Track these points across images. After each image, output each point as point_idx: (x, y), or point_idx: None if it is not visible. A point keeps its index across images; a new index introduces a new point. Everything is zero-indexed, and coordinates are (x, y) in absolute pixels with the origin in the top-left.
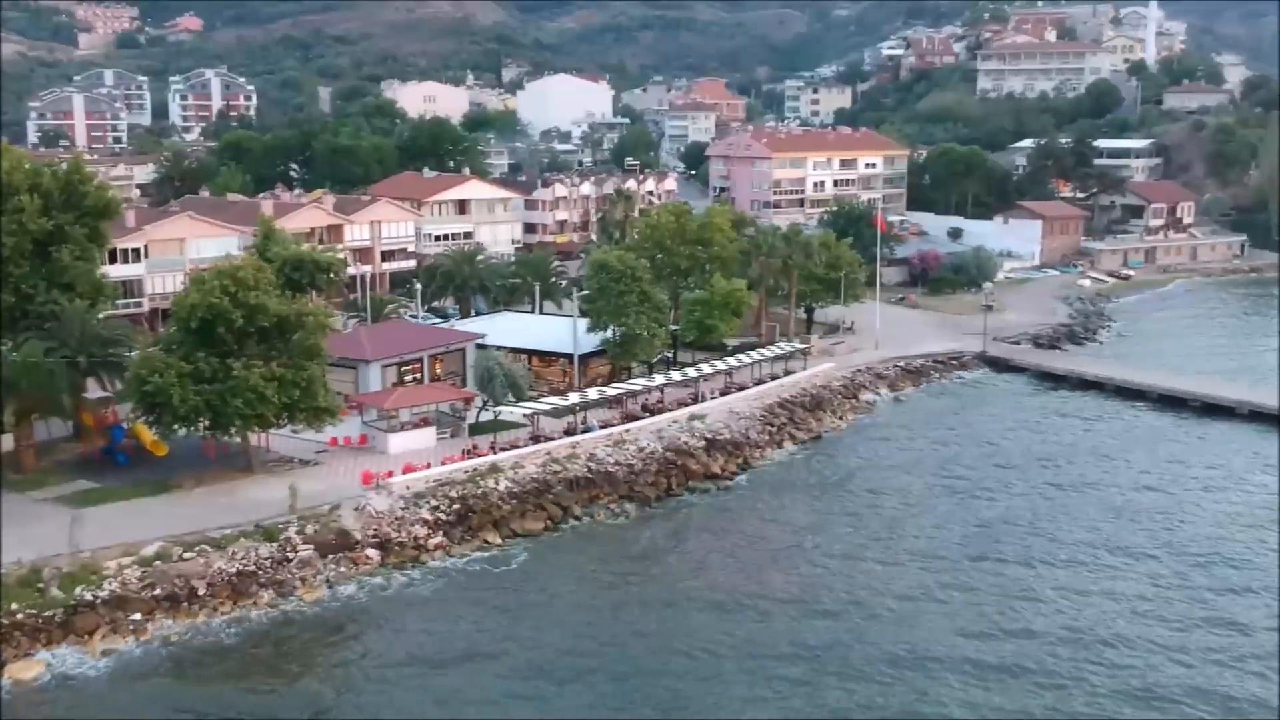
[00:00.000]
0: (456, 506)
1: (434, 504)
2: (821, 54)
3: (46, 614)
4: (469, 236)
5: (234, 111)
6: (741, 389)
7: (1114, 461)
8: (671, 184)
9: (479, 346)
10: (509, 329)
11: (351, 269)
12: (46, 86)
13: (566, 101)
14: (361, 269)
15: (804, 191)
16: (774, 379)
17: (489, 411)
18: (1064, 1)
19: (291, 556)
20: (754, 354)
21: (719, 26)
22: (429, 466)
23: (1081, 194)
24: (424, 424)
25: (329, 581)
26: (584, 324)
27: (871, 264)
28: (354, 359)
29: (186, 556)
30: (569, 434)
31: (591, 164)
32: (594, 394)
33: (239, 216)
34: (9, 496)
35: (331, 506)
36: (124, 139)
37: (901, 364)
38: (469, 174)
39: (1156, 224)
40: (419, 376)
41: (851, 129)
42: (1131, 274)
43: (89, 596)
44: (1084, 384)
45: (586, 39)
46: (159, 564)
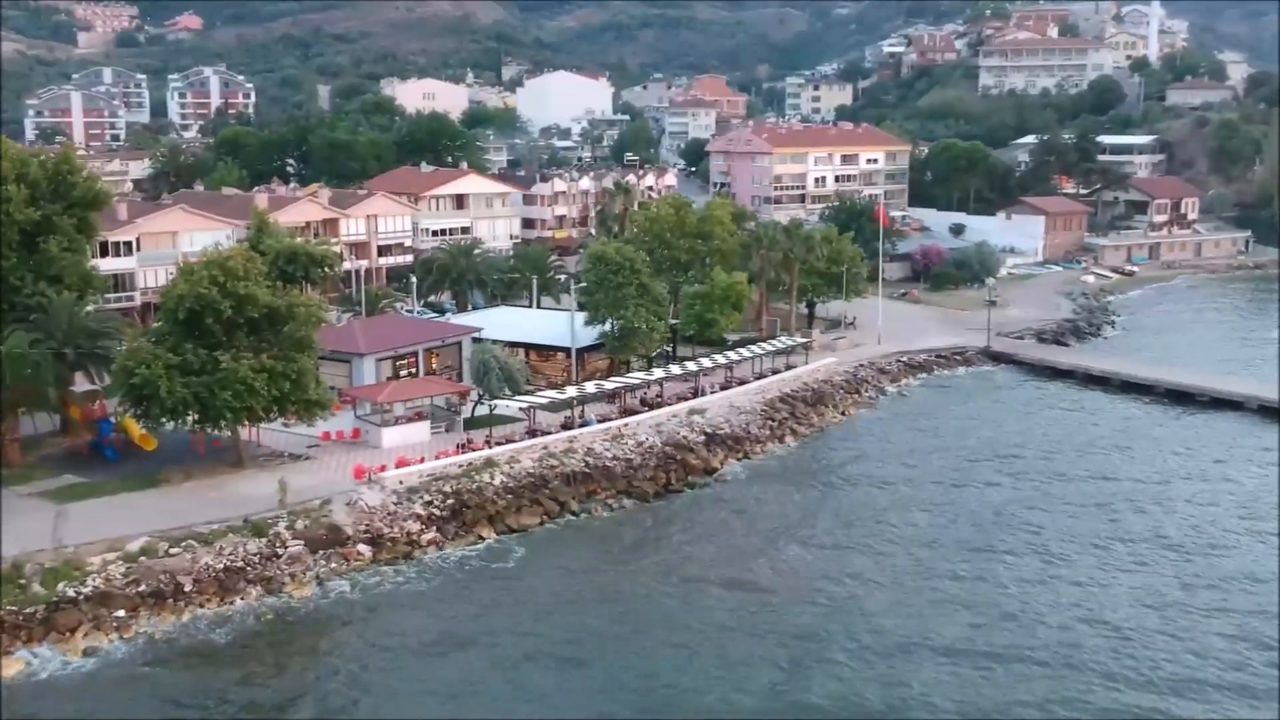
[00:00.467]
0: (450, 501)
1: (427, 499)
2: (822, 53)
3: (27, 611)
4: (466, 231)
5: (232, 110)
6: (742, 383)
7: (1122, 454)
8: (671, 179)
9: (475, 340)
10: (506, 323)
11: (347, 264)
12: (45, 85)
13: (566, 99)
14: (357, 264)
15: (805, 187)
16: (775, 373)
17: (485, 405)
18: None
19: (281, 552)
20: (754, 348)
21: (719, 25)
22: (422, 461)
23: (1084, 190)
24: (418, 418)
25: (319, 578)
26: (582, 318)
27: (873, 259)
28: (347, 352)
29: (173, 552)
30: (566, 428)
31: (591, 160)
32: (591, 388)
33: (233, 210)
34: None
35: (322, 501)
36: (122, 137)
37: (904, 359)
38: (467, 169)
39: (1160, 220)
40: (414, 371)
41: (853, 125)
42: (1135, 270)
43: (72, 593)
44: (1089, 379)
45: (587, 38)
46: (144, 560)
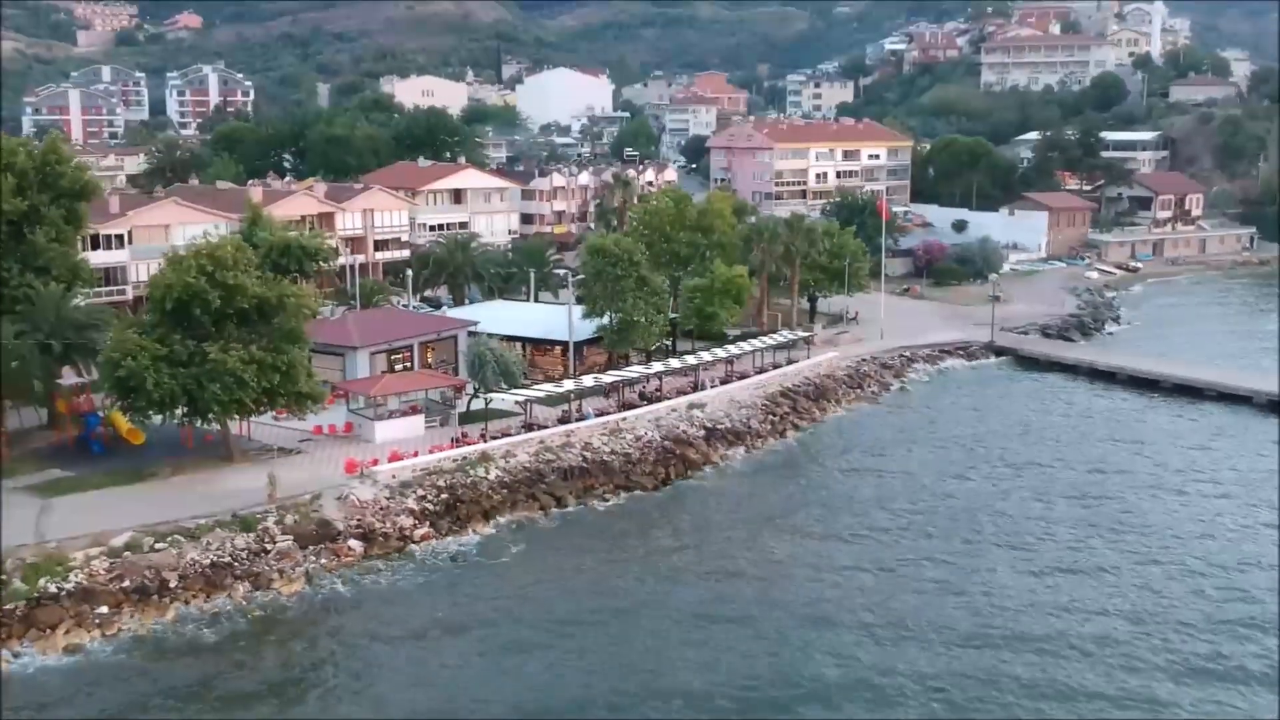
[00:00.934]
0: (444, 496)
1: (421, 493)
2: (823, 52)
3: (7, 607)
4: (464, 227)
5: (231, 108)
6: (742, 378)
7: (1130, 448)
8: (671, 175)
9: (471, 334)
10: (503, 317)
11: (343, 259)
12: (44, 83)
13: (566, 96)
14: (354, 258)
15: (806, 183)
16: (776, 368)
17: (480, 399)
18: None
19: (269, 547)
20: (755, 342)
21: (720, 24)
22: (416, 455)
23: (1088, 186)
24: (412, 412)
25: (308, 574)
26: (580, 311)
27: (875, 255)
28: (341, 346)
29: (158, 547)
30: (563, 422)
31: (590, 156)
32: (589, 381)
33: (227, 204)
34: None
35: (313, 496)
36: (120, 135)
37: (907, 354)
38: (465, 164)
39: (1164, 216)
40: (409, 365)
41: (855, 121)
42: (1139, 266)
43: (54, 589)
44: (1095, 373)
45: (587, 37)
46: (129, 555)
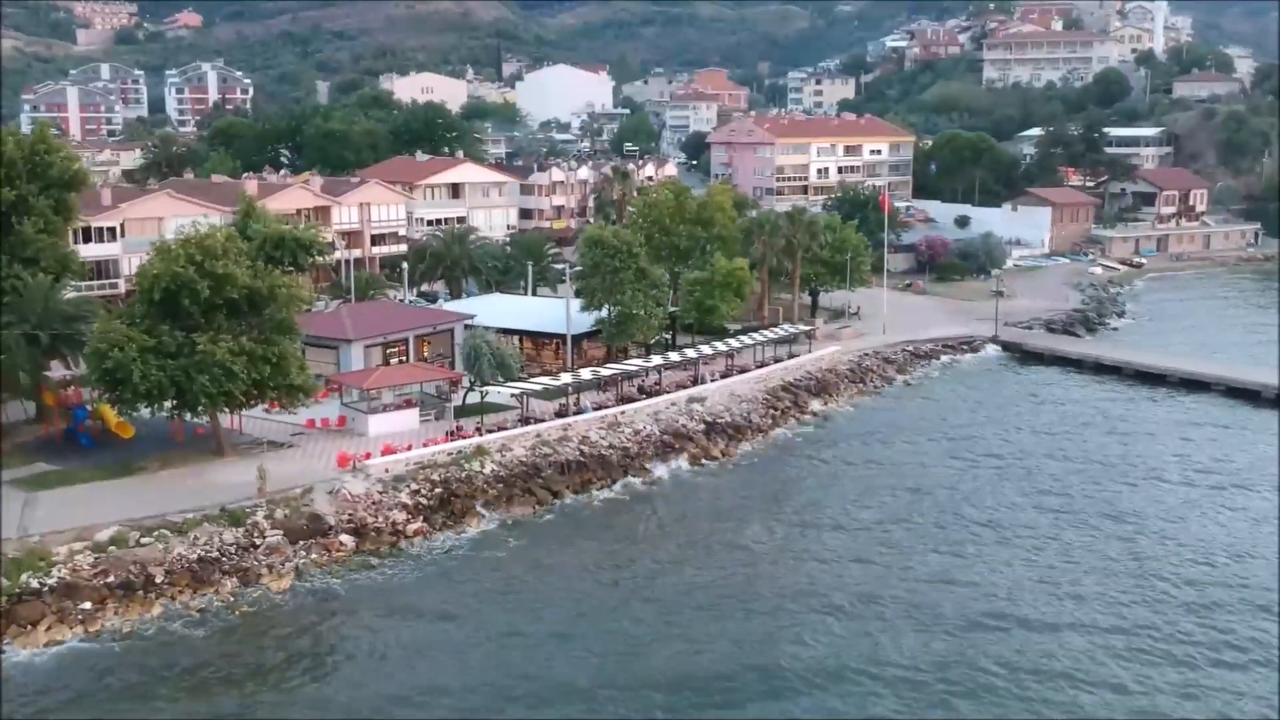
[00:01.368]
0: (439, 490)
1: (414, 487)
2: (824, 50)
3: None
4: (462, 221)
5: (230, 105)
6: (743, 371)
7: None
8: (671, 170)
9: (467, 327)
10: (500, 310)
11: (340, 253)
12: (43, 81)
13: (566, 92)
14: (350, 253)
15: (807, 179)
16: (777, 362)
17: (476, 392)
18: None
19: (259, 542)
20: (756, 335)
21: (721, 22)
22: (410, 448)
23: (1091, 182)
24: (407, 405)
25: (298, 569)
26: (578, 304)
27: (877, 250)
28: (335, 339)
29: (144, 542)
30: (560, 416)
31: (590, 151)
32: (587, 374)
33: (221, 197)
34: None
35: (304, 490)
36: (119, 132)
37: (910, 348)
38: (463, 157)
39: (1168, 212)
40: (404, 358)
41: (856, 116)
42: (1143, 262)
43: (36, 584)
44: (1100, 368)
45: (588, 35)
46: (114, 550)
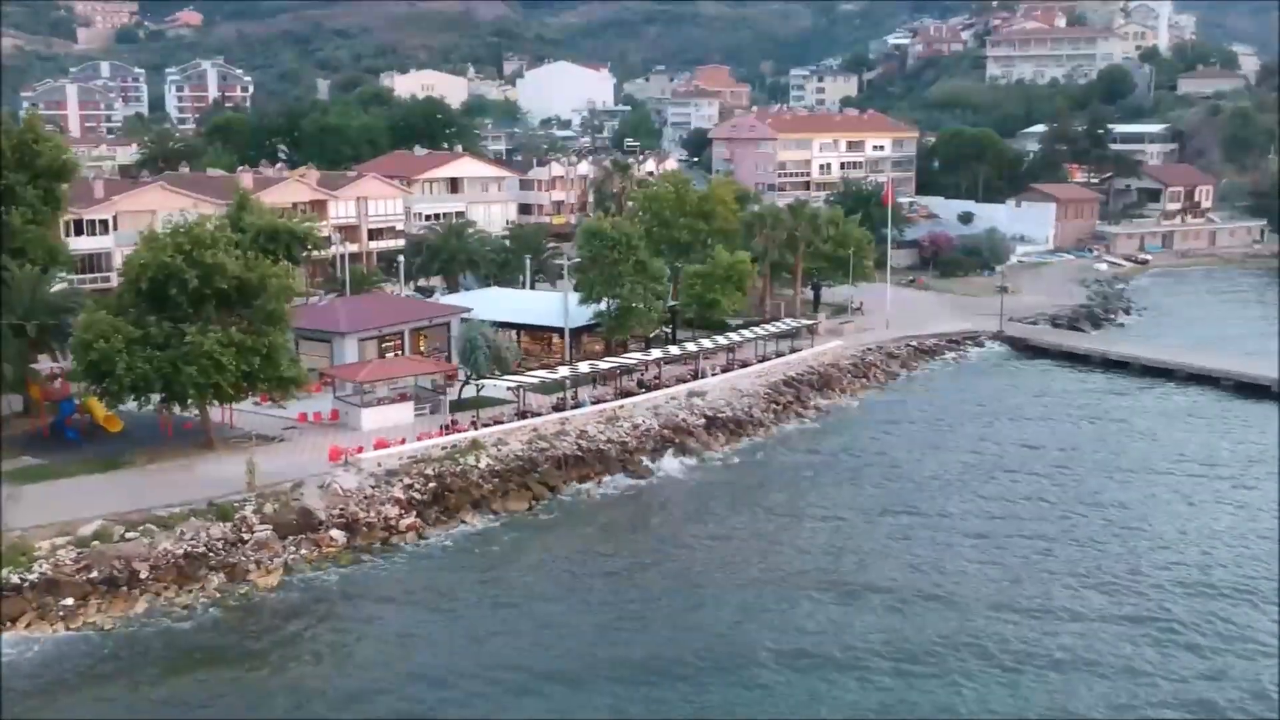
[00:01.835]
0: (433, 485)
1: (408, 482)
2: (826, 49)
3: None
4: (461, 216)
5: (230, 103)
6: (744, 366)
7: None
8: (672, 165)
9: (463, 320)
10: (497, 303)
11: (337, 247)
12: (43, 79)
13: (567, 90)
14: (348, 248)
15: (809, 174)
16: (779, 356)
17: (472, 386)
18: None
19: (247, 537)
20: (758, 329)
21: (723, 21)
22: (403, 442)
23: (1095, 179)
24: (401, 400)
25: (287, 564)
26: (576, 297)
27: (880, 245)
28: (328, 331)
29: (129, 536)
30: (558, 410)
31: (590, 147)
32: (585, 368)
33: (216, 190)
34: None
35: (294, 484)
36: (118, 129)
37: (914, 343)
38: (461, 151)
39: (1174, 208)
40: (400, 351)
41: (859, 112)
42: (1149, 259)
43: (16, 579)
44: (1107, 363)
45: (590, 34)
46: (97, 544)
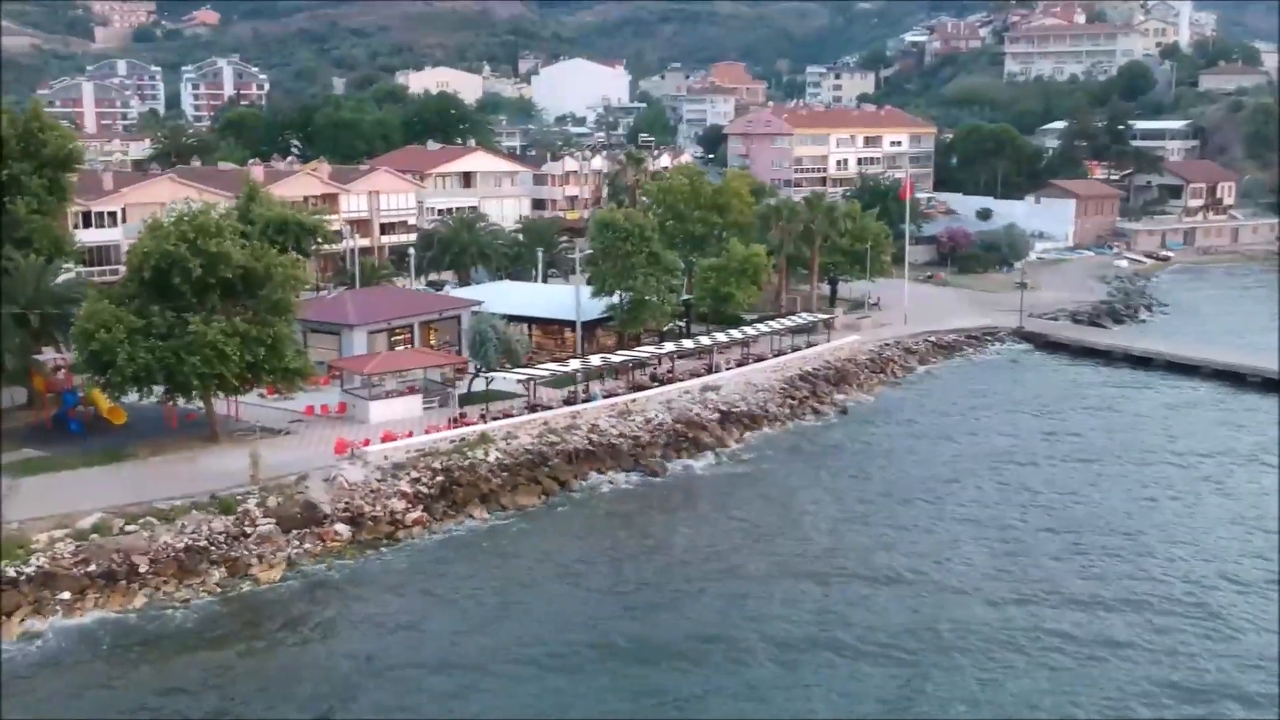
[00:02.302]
0: (440, 479)
1: (415, 475)
2: (843, 47)
3: None
4: (474, 211)
5: (245, 100)
6: (760, 360)
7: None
8: (687, 159)
9: (474, 313)
10: (509, 297)
11: (347, 240)
12: (60, 77)
13: (582, 87)
14: (358, 241)
15: (826, 170)
16: (795, 351)
17: (482, 378)
18: None
19: (250, 531)
20: (773, 324)
21: (739, 20)
22: (410, 435)
23: (1116, 175)
24: (410, 392)
25: (290, 559)
26: (588, 290)
27: (898, 240)
28: (337, 324)
29: (129, 530)
30: (569, 403)
31: (605, 143)
32: (596, 361)
33: (226, 183)
34: None
35: (298, 477)
36: (134, 127)
37: (932, 338)
38: (475, 146)
39: (1195, 205)
40: (409, 344)
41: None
42: (1170, 255)
43: (12, 572)
44: (1130, 359)
45: (605, 33)
46: (96, 538)
